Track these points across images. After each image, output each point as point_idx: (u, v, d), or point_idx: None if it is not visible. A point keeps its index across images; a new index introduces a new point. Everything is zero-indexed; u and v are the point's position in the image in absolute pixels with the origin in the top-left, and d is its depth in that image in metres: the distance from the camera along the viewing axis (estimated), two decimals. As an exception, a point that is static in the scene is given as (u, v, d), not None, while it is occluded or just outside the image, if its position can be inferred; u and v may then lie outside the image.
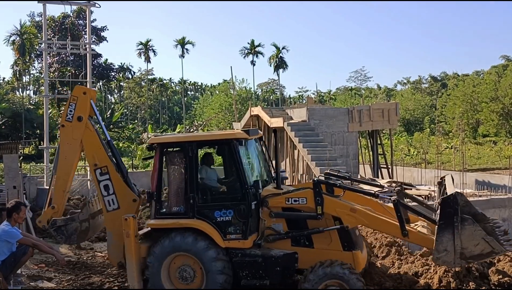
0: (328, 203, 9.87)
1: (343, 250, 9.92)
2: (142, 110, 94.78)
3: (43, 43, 27.97)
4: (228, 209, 9.93)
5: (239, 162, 10.00)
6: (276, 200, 10.13)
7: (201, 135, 11.47)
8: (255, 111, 27.85)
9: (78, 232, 11.28)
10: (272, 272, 9.76)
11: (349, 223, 9.84)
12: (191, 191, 9.96)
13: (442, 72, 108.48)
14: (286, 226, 10.16)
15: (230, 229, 9.91)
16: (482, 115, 60.67)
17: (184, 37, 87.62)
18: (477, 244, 8.79)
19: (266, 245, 10.03)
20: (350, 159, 24.18)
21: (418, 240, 9.91)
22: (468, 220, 8.77)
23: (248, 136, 10.50)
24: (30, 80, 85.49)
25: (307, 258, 9.85)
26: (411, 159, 42.20)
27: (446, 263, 9.16)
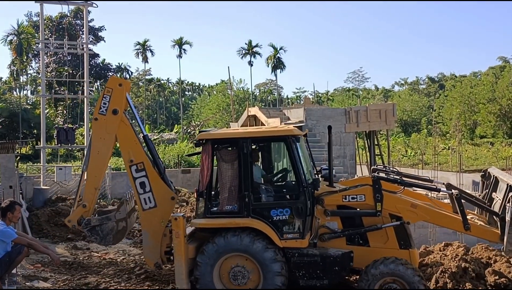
0: (388, 200, 9.71)
1: (399, 249, 9.76)
2: (140, 110, 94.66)
3: (41, 43, 27.96)
4: (285, 208, 9.60)
5: (296, 159, 9.65)
6: (332, 198, 9.87)
7: (255, 131, 10.82)
8: (253, 111, 27.83)
9: (114, 232, 10.71)
10: (329, 271, 9.50)
11: (410, 219, 9.73)
12: (245, 189, 9.55)
13: (440, 73, 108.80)
14: (341, 225, 9.93)
15: (287, 228, 9.60)
16: (480, 116, 60.83)
17: (181, 37, 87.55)
18: None
19: (320, 244, 9.79)
20: (347, 159, 24.17)
21: (480, 233, 9.83)
22: None
23: (302, 132, 10.29)
24: (27, 80, 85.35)
25: (362, 257, 9.62)
26: (408, 160, 42.26)
27: None
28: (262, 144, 10.84)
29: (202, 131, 10.34)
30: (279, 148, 11.08)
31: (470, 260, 10.95)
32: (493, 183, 10.43)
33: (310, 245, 9.72)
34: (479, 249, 12.19)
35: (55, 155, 40.50)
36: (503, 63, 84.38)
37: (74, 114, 50.10)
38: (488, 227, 9.83)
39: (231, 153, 9.84)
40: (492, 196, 10.23)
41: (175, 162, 37.62)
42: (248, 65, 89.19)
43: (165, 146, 45.49)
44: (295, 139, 9.77)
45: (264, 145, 10.91)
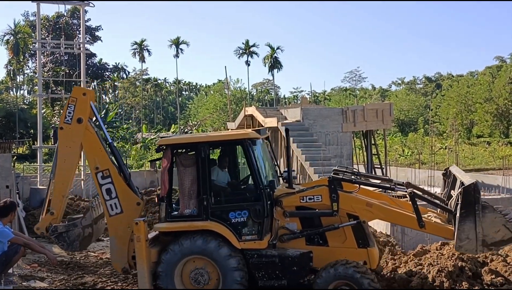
0: (343, 199, 9.83)
1: (357, 247, 9.86)
2: (137, 110, 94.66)
3: (37, 42, 27.89)
4: (243, 210, 9.75)
5: (253, 162, 9.81)
6: (291, 199, 9.99)
7: (213, 136, 11.13)
8: (249, 111, 27.83)
9: (80, 239, 10.85)
10: (288, 272, 9.65)
11: (366, 217, 9.86)
12: (204, 192, 9.74)
13: (437, 72, 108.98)
14: (300, 225, 10.03)
15: (246, 230, 9.73)
16: (476, 116, 60.95)
17: (178, 37, 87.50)
18: (498, 230, 8.99)
19: (280, 245, 9.90)
20: (344, 159, 24.16)
21: (435, 230, 9.96)
22: (489, 207, 9.04)
23: (259, 135, 10.45)
24: (24, 79, 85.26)
25: (321, 256, 9.74)
26: (405, 160, 42.30)
27: (469, 250, 9.34)
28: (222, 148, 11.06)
29: (163, 137, 10.64)
30: None
31: (466, 259, 10.96)
32: (452, 181, 10.61)
33: (270, 246, 9.82)
34: (475, 248, 12.20)
35: (52, 155, 40.43)
36: (500, 63, 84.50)
37: (71, 114, 49.92)
38: (442, 224, 9.97)
39: (190, 157, 10.03)
40: (451, 193, 10.34)
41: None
42: (245, 65, 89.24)
43: (162, 146, 45.37)
44: (252, 143, 9.94)
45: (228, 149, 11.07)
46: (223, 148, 11.07)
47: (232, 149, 11.06)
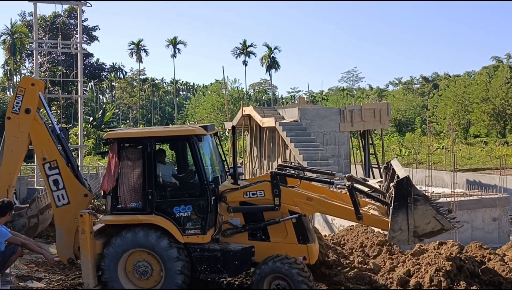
0: (285, 194, 10.18)
1: (298, 243, 10.18)
2: (134, 110, 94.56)
3: (34, 42, 27.89)
4: (188, 205, 10.01)
5: (199, 158, 10.08)
6: (234, 195, 10.33)
7: (159, 131, 11.28)
8: (247, 111, 27.82)
9: (26, 229, 11.04)
10: (230, 266, 9.95)
11: (307, 211, 10.27)
12: (149, 187, 9.94)
13: (434, 72, 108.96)
14: (243, 220, 10.35)
15: (189, 225, 10.01)
16: (473, 116, 61.04)
17: (176, 37, 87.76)
18: (429, 222, 9.45)
19: (223, 240, 10.20)
20: (342, 159, 24.20)
21: (372, 222, 10.44)
22: (420, 200, 9.45)
23: (206, 132, 10.66)
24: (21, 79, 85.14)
25: (263, 251, 10.06)
26: (402, 159, 42.30)
27: (401, 241, 9.76)
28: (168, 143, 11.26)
29: (110, 130, 10.76)
30: None
31: (464, 259, 10.99)
32: (391, 174, 11.02)
33: (213, 240, 10.11)
34: (473, 247, 12.22)
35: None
36: (497, 63, 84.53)
37: (68, 114, 49.95)
38: (379, 216, 10.33)
39: (136, 152, 10.19)
40: (390, 186, 10.56)
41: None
42: (243, 65, 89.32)
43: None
44: (198, 139, 10.19)
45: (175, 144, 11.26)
46: (169, 143, 11.26)
47: (179, 144, 11.20)
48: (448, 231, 9.95)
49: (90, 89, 74.87)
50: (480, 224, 16.07)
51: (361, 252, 12.85)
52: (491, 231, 16.24)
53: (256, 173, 27.92)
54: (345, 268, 11.96)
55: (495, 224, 16.33)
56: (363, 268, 11.85)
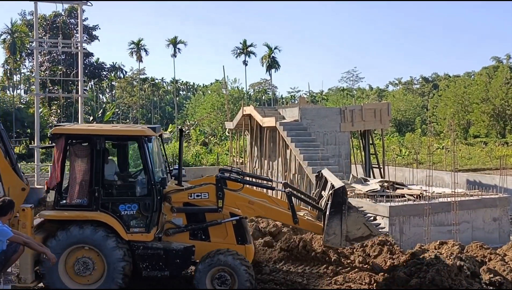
0: (228, 197, 10.60)
1: (237, 244, 10.60)
2: (134, 109, 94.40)
3: (34, 41, 27.90)
4: (133, 203, 10.24)
5: (147, 158, 10.28)
6: (179, 195, 10.62)
7: (110, 129, 11.43)
8: (248, 110, 27.80)
9: None
10: (171, 264, 10.23)
11: (248, 214, 10.79)
12: (96, 184, 10.07)
13: (433, 73, 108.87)
14: (186, 221, 10.66)
15: (134, 223, 10.24)
16: (473, 116, 61.04)
17: (176, 36, 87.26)
18: (359, 228, 10.30)
19: (165, 239, 10.47)
20: (342, 159, 24.19)
21: (307, 226, 11.17)
22: (353, 207, 10.38)
23: (155, 133, 10.86)
24: (20, 79, 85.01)
25: (204, 251, 10.39)
26: (402, 160, 42.32)
27: (334, 244, 10.47)
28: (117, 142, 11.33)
29: (57, 125, 10.78)
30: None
31: (465, 259, 11.01)
32: (323, 183, 11.89)
33: (155, 239, 10.36)
34: (474, 247, 12.25)
35: (49, 154, 40.35)
36: (497, 63, 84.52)
37: (68, 113, 49.96)
38: (314, 221, 11.18)
39: (84, 148, 10.30)
40: (322, 194, 11.69)
41: (170, 162, 37.55)
42: (243, 65, 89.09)
43: (159, 145, 45.35)
44: (147, 140, 10.36)
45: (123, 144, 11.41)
46: (118, 142, 11.34)
47: (128, 144, 11.37)
48: (375, 236, 10.83)
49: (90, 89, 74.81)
50: (480, 224, 16.11)
51: (361, 252, 12.87)
52: (491, 231, 16.28)
53: (257, 172, 27.92)
54: (345, 268, 11.99)
55: (495, 224, 16.37)
56: (364, 268, 11.87)
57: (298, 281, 11.39)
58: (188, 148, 45.13)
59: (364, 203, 15.68)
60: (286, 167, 23.96)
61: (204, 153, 43.65)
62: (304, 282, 11.34)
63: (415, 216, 14.95)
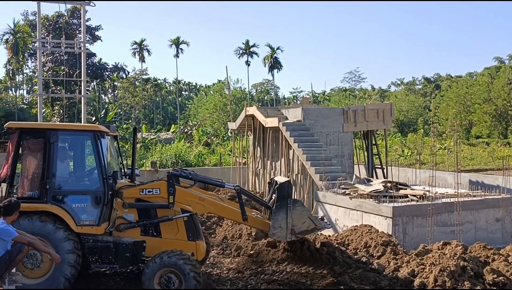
0: (179, 193, 10.83)
1: (188, 240, 10.81)
2: (136, 110, 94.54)
3: (37, 41, 27.89)
4: (85, 196, 10.48)
5: (99, 153, 10.54)
6: (131, 191, 10.85)
7: (62, 124, 11.86)
8: (251, 111, 27.81)
9: None
10: (121, 258, 10.40)
11: (198, 210, 11.01)
12: (48, 177, 10.28)
13: (436, 73, 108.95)
14: (137, 217, 10.84)
15: (84, 216, 10.43)
16: (475, 117, 60.92)
17: (178, 36, 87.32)
18: (304, 221, 10.64)
19: (116, 234, 10.67)
20: (345, 159, 24.18)
21: (256, 223, 11.48)
22: (298, 202, 10.80)
23: (108, 130, 11.19)
24: (23, 79, 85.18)
25: (154, 246, 10.58)
26: (405, 160, 42.27)
27: (280, 237, 10.78)
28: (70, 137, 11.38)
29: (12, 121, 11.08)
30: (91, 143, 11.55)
31: (468, 259, 11.02)
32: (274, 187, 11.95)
33: (106, 233, 10.55)
34: (477, 248, 12.26)
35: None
36: (499, 64, 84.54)
37: (70, 114, 50.01)
38: (262, 218, 11.47)
39: (38, 143, 10.52)
40: (273, 196, 11.79)
41: (172, 162, 37.59)
42: (245, 65, 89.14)
43: (162, 146, 45.45)
44: (100, 135, 10.68)
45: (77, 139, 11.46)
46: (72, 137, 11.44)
47: (81, 139, 11.44)
48: (320, 230, 11.22)
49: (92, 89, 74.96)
50: (483, 225, 16.11)
51: (365, 252, 12.90)
52: (494, 231, 16.27)
53: (259, 173, 27.94)
54: (349, 269, 12.00)
55: (498, 224, 16.36)
56: (368, 268, 11.88)
57: (302, 282, 11.39)
58: (191, 149, 45.13)
59: (367, 203, 15.70)
60: (289, 167, 23.97)
61: (206, 154, 43.64)
62: (308, 282, 11.34)
63: (418, 216, 14.94)
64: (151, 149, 45.83)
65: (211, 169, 34.44)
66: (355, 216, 16.11)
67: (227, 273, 12.58)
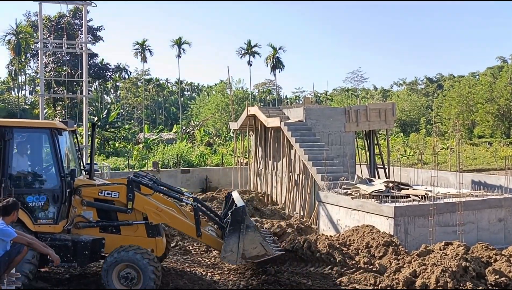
0: (138, 200, 10.87)
1: (147, 237, 10.90)
2: (139, 110, 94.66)
3: (39, 42, 27.90)
4: (42, 195, 10.46)
5: (57, 150, 10.51)
6: (90, 190, 10.85)
7: (19, 121, 11.68)
8: (252, 111, 27.76)
9: None
10: (80, 256, 10.40)
11: (154, 220, 10.96)
12: (3, 175, 10.23)
13: (438, 73, 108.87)
14: (96, 215, 10.88)
15: (42, 214, 10.44)
16: (478, 116, 60.80)
17: (180, 37, 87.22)
18: (255, 247, 10.64)
19: (75, 231, 10.69)
20: (347, 159, 24.13)
21: (209, 241, 11.48)
22: (251, 227, 10.72)
23: (66, 127, 11.10)
24: (25, 79, 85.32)
25: (114, 243, 10.60)
26: (407, 160, 42.21)
27: (230, 261, 10.79)
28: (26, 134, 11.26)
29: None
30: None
31: (470, 259, 10.96)
32: (231, 203, 12.42)
33: (64, 231, 10.58)
34: (479, 248, 12.20)
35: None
36: (502, 63, 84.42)
37: (72, 114, 50.05)
38: (215, 237, 11.49)
39: None
40: (228, 213, 11.87)
41: (174, 162, 37.58)
42: (247, 65, 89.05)
43: (164, 146, 45.46)
44: (58, 132, 10.62)
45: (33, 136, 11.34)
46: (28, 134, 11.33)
47: (38, 136, 11.34)
48: (270, 257, 10.97)
49: (94, 89, 75.04)
50: (485, 225, 16.02)
51: (366, 253, 12.83)
52: (496, 231, 16.19)
53: (261, 173, 27.90)
54: (350, 269, 11.95)
55: (500, 224, 16.28)
56: (369, 269, 11.84)
57: (303, 282, 11.36)
58: (193, 149, 45.14)
59: (369, 203, 15.65)
60: (290, 167, 23.92)
61: (208, 154, 43.66)
62: (309, 283, 11.31)
63: (420, 216, 14.86)
64: (153, 149, 45.84)
65: (213, 169, 34.42)
66: (356, 216, 16.06)
67: (228, 273, 12.55)
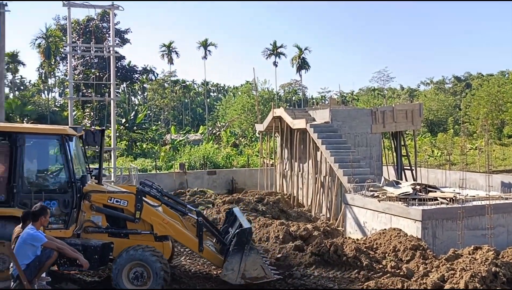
0: (146, 211, 11.10)
1: (155, 241, 11.03)
2: (165, 111, 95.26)
3: (68, 46, 28.36)
4: (53, 200, 10.51)
5: (67, 156, 10.58)
6: (99, 196, 10.96)
7: (32, 127, 11.72)
8: (278, 112, 27.76)
9: None
10: (90, 260, 10.22)
11: (159, 231, 11.11)
12: (15, 180, 10.26)
13: (466, 72, 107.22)
14: (105, 221, 11.01)
15: (53, 219, 10.44)
16: (507, 116, 59.75)
17: (206, 38, 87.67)
18: (256, 269, 10.90)
19: (84, 236, 10.80)
20: (374, 160, 23.96)
21: (210, 257, 11.65)
22: (255, 249, 11.08)
23: (76, 133, 11.17)
24: (55, 82, 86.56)
25: (122, 247, 10.70)
26: (435, 161, 41.73)
27: (230, 279, 10.88)
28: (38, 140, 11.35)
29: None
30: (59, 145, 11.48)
31: (500, 264, 10.79)
32: (233, 220, 12.65)
33: (74, 235, 10.66)
34: (509, 253, 12.02)
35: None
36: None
37: (101, 116, 50.60)
38: (216, 253, 11.66)
39: (4, 145, 10.46)
40: (228, 230, 12.41)
41: (200, 164, 37.75)
42: (273, 66, 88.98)
43: (190, 147, 45.70)
44: (69, 138, 10.69)
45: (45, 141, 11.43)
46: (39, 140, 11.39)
47: (49, 142, 11.43)
48: (268, 280, 11.10)
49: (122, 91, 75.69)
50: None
51: (394, 257, 12.75)
52: (527, 235, 15.90)
53: (287, 175, 27.87)
54: (377, 273, 11.88)
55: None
56: (396, 273, 11.75)
57: (330, 286, 11.33)
58: (219, 150, 45.29)
59: (396, 206, 15.51)
60: (316, 169, 23.84)
61: (234, 155, 43.77)
62: (336, 287, 11.28)
63: (448, 220, 14.69)
64: (180, 151, 46.10)
65: (239, 170, 34.48)
66: (383, 219, 15.93)
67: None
